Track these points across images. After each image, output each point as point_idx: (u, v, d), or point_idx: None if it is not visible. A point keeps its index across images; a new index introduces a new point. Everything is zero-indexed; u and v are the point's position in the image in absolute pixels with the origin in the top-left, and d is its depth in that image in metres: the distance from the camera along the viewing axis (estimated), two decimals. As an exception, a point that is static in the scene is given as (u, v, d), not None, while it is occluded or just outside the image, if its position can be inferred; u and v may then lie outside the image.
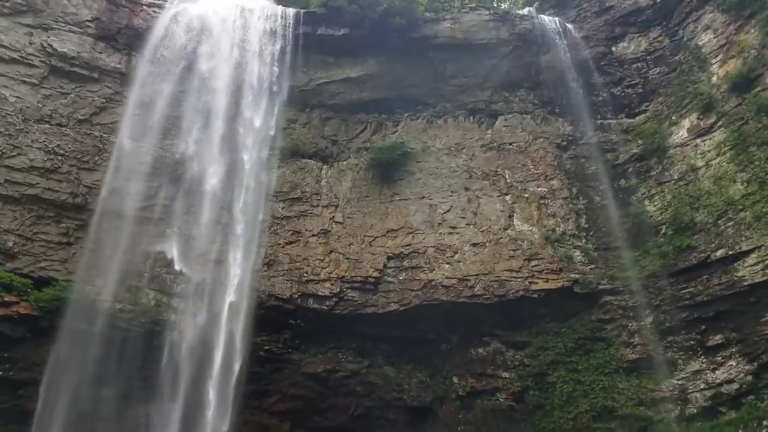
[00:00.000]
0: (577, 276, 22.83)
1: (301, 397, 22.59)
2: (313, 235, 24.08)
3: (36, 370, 19.52)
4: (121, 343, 19.70)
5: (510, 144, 26.00)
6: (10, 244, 19.87)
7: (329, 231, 24.24)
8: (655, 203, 23.63)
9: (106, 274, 20.26)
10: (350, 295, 23.26)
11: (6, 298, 19.18)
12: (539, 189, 24.87)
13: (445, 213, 24.59)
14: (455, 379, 23.61)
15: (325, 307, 23.03)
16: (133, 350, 19.83)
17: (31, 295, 19.45)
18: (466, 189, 25.02)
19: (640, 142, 24.84)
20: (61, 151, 21.31)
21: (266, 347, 22.30)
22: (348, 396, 22.92)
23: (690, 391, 20.72)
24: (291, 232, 24.00)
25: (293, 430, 22.32)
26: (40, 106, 21.61)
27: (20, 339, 19.49)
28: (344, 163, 25.78)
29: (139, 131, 22.25)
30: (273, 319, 22.52)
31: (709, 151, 22.57)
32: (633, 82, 26.27)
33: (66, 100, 22.19)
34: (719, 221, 21.11)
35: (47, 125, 21.49)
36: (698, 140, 23.14)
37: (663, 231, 22.80)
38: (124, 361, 19.62)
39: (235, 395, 19.74)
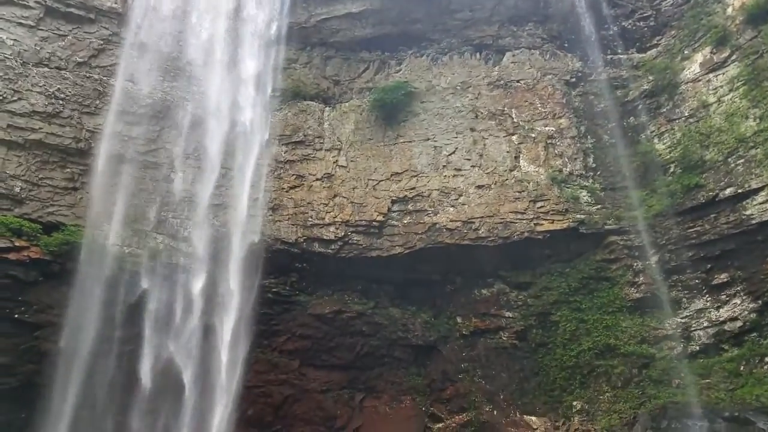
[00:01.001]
0: (582, 217, 23.17)
1: (309, 336, 23.69)
2: (317, 180, 24.50)
3: (51, 312, 20.56)
4: (132, 286, 20.59)
5: (517, 81, 25.79)
6: (17, 189, 20.51)
7: (333, 175, 24.62)
8: (665, 141, 23.63)
9: (113, 219, 20.92)
10: (355, 238, 23.92)
11: (17, 243, 19.97)
12: (547, 128, 24.85)
13: (449, 155, 24.78)
14: (459, 319, 24.53)
15: (330, 250, 23.77)
16: (144, 292, 20.73)
17: (40, 239, 20.24)
18: (472, 130, 25.09)
19: (650, 77, 24.57)
20: (62, 95, 21.61)
21: (274, 290, 23.22)
22: (354, 335, 23.98)
23: (693, 328, 21.41)
24: (294, 176, 24.42)
25: (302, 368, 23.49)
26: (38, 49, 21.76)
27: (33, 283, 20.40)
28: (347, 104, 25.85)
29: (138, 73, 22.41)
30: (279, 263, 23.32)
31: (721, 87, 22.34)
32: (645, 15, 25.72)
33: (63, 43, 22.31)
34: (729, 159, 21.17)
35: (46, 68, 21.70)
36: (711, 75, 22.86)
37: (671, 170, 22.93)
38: (136, 303, 20.56)
39: (247, 331, 20.55)
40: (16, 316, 20.28)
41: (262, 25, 24.31)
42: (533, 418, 21.89)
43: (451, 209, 23.91)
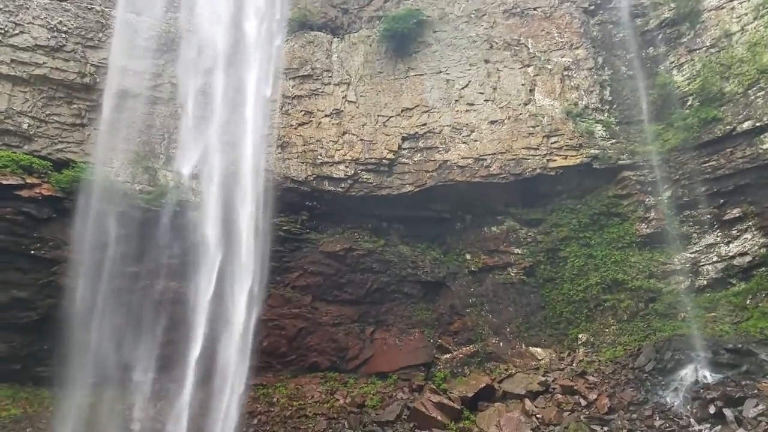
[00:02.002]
0: (596, 152, 23.37)
1: (321, 273, 24.52)
2: (326, 116, 24.55)
3: (66, 248, 21.29)
4: (143, 223, 21.16)
5: (534, 9, 25.25)
6: (25, 126, 20.77)
7: (342, 111, 24.64)
8: (684, 73, 23.45)
9: (122, 156, 21.27)
10: (365, 177, 24.27)
11: (28, 180, 20.45)
12: (563, 59, 24.59)
13: (462, 89, 24.65)
14: (468, 256, 25.26)
15: (340, 189, 24.18)
16: (156, 229, 21.33)
17: (51, 177, 20.69)
18: (486, 61, 24.83)
19: (672, 5, 24.06)
20: (64, 28, 21.43)
21: (285, 228, 23.83)
22: (365, 272, 24.83)
23: (702, 263, 22.07)
24: (303, 112, 24.45)
25: (314, 303, 24.50)
26: (36, -21, 21.40)
27: (47, 220, 21.04)
28: (356, 35, 25.49)
29: (140, 4, 22.10)
30: (290, 201, 23.81)
31: (745, 14, 21.93)
32: (669, -64, 24.90)
33: (61, -28, 21.90)
34: (749, 91, 21.10)
35: (46, 0, 21.38)
36: (735, 2, 22.40)
37: (689, 102, 22.91)
38: (149, 240, 21.20)
39: (259, 268, 21.24)
40: (33, 252, 21.05)
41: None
42: (538, 349, 22.95)
43: (463, 146, 24.09)
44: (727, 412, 16.40)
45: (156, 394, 19.69)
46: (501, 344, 23.52)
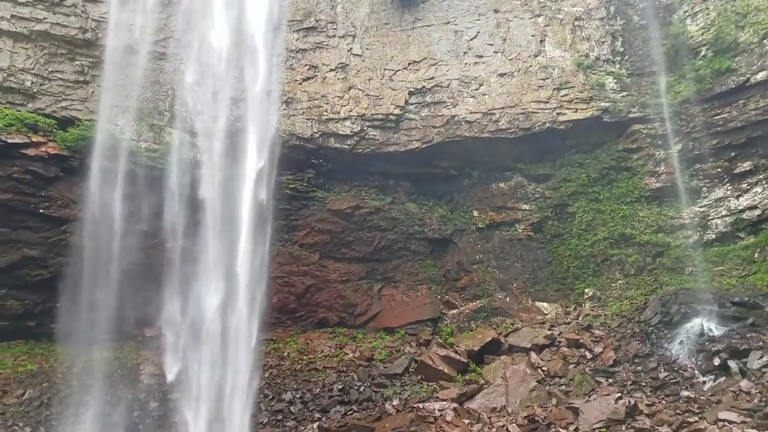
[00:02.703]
0: (607, 104, 23.26)
1: (328, 231, 24.85)
2: (331, 70, 24.33)
3: (74, 207, 21.61)
4: (151, 181, 21.36)
5: (544, -44, 24.72)
6: (28, 84, 20.76)
7: (347, 65, 24.40)
8: (698, 22, 23.08)
9: (127, 113, 21.30)
10: (371, 133, 24.24)
11: (33, 139, 20.58)
12: (574, 9, 24.18)
13: (471, 40, 24.31)
14: (475, 213, 25.49)
15: (346, 146, 24.18)
16: (163, 188, 21.53)
17: (56, 135, 20.81)
18: (495, 11, 24.39)
19: (688, -49, 23.57)
20: (63, -19, 21.16)
21: (291, 185, 24.00)
22: (372, 230, 25.14)
23: (711, 217, 22.25)
24: (307, 66, 24.24)
25: (322, 260, 24.93)
26: (30, -71, 21.00)
27: (54, 178, 21.28)
28: (361, -17, 25.01)
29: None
30: (295, 159, 23.86)
31: (764, -40, 21.51)
32: None
33: None
34: (765, 41, 20.85)
35: (43, -48, 21.09)
36: (753, -53, 21.93)
37: (702, 53, 22.64)
38: (156, 198, 21.43)
39: (266, 224, 21.46)
40: (42, 210, 21.40)
41: None
42: (545, 304, 23.40)
43: (471, 100, 23.96)
44: (732, 363, 16.74)
45: (168, 350, 20.23)
46: (507, 299, 23.98)
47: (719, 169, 22.13)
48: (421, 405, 17.43)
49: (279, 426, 18.99)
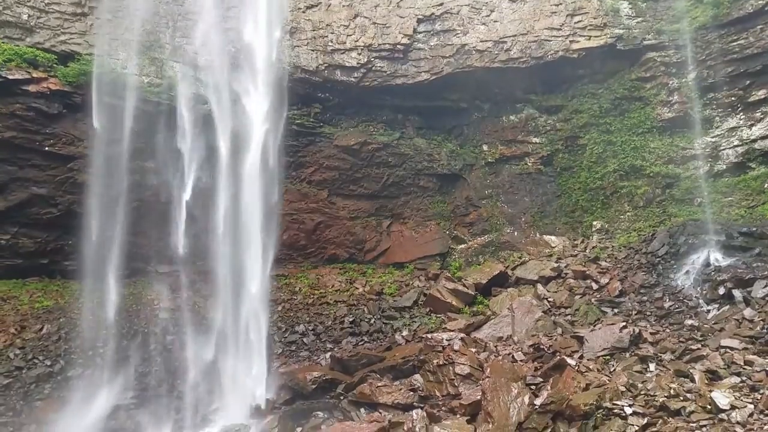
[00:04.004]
0: (621, 31, 22.89)
1: (336, 167, 25.05)
2: (336, -3, 23.73)
3: (80, 144, 21.73)
4: (155, 117, 21.33)
5: None
6: (25, 17, 20.42)
7: (352, -9, 23.79)
8: (718, -58, 22.35)
9: (127, 47, 21.02)
10: (378, 65, 23.94)
11: (34, 75, 20.47)
12: (589, -70, 23.35)
13: (481, -37, 23.62)
14: (485, 147, 25.54)
15: (353, 79, 23.94)
16: (167, 123, 21.50)
17: (57, 70, 20.69)
18: (509, -73, 23.55)
19: None
20: None
21: (298, 121, 23.94)
22: (380, 166, 25.32)
23: (722, 148, 22.28)
24: (311, -7, 23.65)
25: (330, 197, 25.24)
26: None
27: (58, 115, 21.29)
28: None
29: None
30: (301, 93, 23.73)
31: None
32: None
33: None
34: (787, -38, 20.27)
35: None
36: None
37: (721, -24, 22.06)
38: (162, 134, 21.46)
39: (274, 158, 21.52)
40: (47, 148, 21.53)
41: None
42: (552, 237, 23.79)
43: (482, 27, 23.49)
44: (736, 293, 17.05)
45: (182, 285, 20.80)
46: (515, 234, 24.38)
47: (733, 98, 21.99)
48: (429, 335, 17.98)
49: (293, 356, 19.81)
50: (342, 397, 16.46)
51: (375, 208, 25.67)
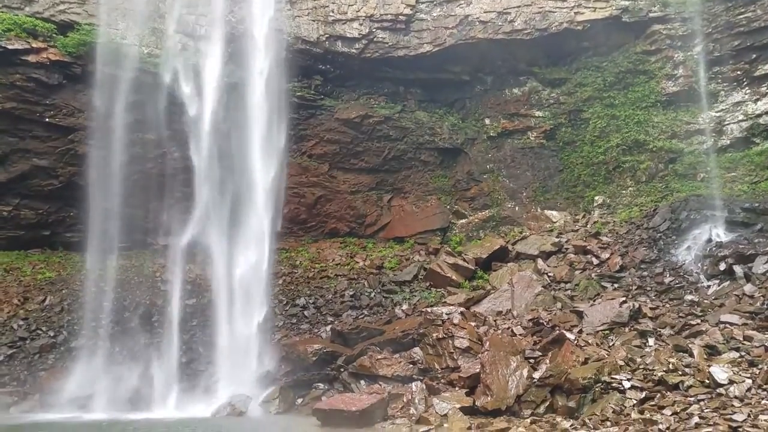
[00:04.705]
0: (627, 3, 22.39)
1: (337, 141, 24.81)
2: (337, -35, 23.22)
3: (80, 116, 21.57)
4: (154, 88, 20.99)
5: None
6: (23, -15, 20.09)
7: (354, -41, 23.25)
8: None
9: (128, 16, 20.64)
10: (380, 36, 23.51)
11: (33, 45, 20.25)
12: None
13: (486, -71, 22.95)
14: (487, 121, 25.20)
15: (354, 50, 23.53)
16: (167, 96, 21.16)
17: (57, 40, 20.47)
18: None
19: None
20: None
21: (298, 93, 23.64)
22: (382, 140, 25.04)
23: (727, 122, 21.98)
24: (312, -39, 23.12)
25: (331, 171, 25.06)
26: None
27: (58, 86, 21.11)
28: None
29: None
30: (302, 65, 23.32)
31: None
32: None
33: None
34: (799, -69, 19.69)
35: None
36: None
37: (731, -57, 21.49)
38: (161, 106, 21.14)
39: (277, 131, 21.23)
40: (48, 119, 21.39)
41: None
42: (554, 212, 23.60)
43: (486, -3, 22.97)
44: (737, 268, 16.95)
45: (184, 256, 20.72)
46: (516, 208, 24.22)
47: (738, 72, 21.63)
48: (429, 309, 17.96)
49: (294, 329, 19.85)
50: (342, 369, 16.48)
51: (376, 182, 25.49)
